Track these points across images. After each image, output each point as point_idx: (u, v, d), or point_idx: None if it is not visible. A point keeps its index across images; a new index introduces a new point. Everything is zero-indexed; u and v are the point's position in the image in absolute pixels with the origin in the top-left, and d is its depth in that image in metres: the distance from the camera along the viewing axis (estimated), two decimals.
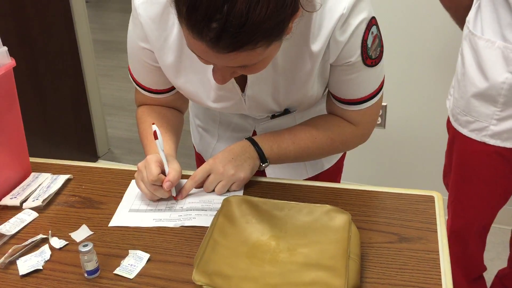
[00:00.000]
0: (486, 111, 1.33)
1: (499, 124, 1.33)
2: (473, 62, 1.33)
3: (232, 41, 0.71)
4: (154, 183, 0.96)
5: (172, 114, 1.15)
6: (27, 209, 1.00)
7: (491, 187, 1.47)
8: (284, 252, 0.84)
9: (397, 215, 0.96)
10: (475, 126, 1.37)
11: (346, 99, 1.02)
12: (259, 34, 0.71)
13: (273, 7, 0.70)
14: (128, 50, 1.05)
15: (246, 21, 0.68)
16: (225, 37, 0.70)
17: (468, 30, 1.35)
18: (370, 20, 0.91)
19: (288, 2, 0.72)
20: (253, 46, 0.73)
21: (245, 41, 0.71)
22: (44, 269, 0.86)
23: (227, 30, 0.69)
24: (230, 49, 0.72)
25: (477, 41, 1.31)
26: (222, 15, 0.68)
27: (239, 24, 0.68)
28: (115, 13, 5.56)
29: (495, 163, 1.41)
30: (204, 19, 0.69)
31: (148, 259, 0.87)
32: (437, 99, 2.06)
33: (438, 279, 0.81)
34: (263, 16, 0.69)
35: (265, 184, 1.06)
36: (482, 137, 1.37)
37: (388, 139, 2.23)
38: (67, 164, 1.16)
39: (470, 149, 1.42)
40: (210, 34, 0.70)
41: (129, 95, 3.60)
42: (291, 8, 0.74)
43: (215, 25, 0.69)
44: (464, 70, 1.37)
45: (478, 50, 1.31)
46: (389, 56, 1.99)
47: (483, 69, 1.31)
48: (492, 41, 1.27)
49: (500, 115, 1.32)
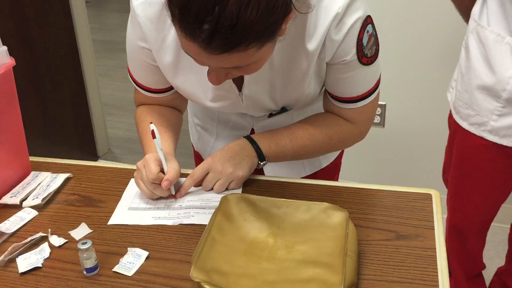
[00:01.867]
0: (488, 105, 1.33)
1: (499, 120, 1.33)
2: (480, 55, 1.33)
3: (223, 42, 0.72)
4: (154, 182, 0.97)
5: (171, 114, 1.15)
6: (27, 207, 1.01)
7: (491, 182, 1.47)
8: (282, 249, 0.84)
9: (394, 212, 0.96)
10: (475, 120, 1.37)
11: (343, 98, 1.02)
12: (250, 35, 0.72)
13: (264, 8, 0.71)
14: (127, 50, 1.06)
15: (237, 22, 0.70)
16: (217, 38, 0.71)
17: (476, 23, 1.34)
18: (365, 19, 0.92)
19: (279, 4, 0.73)
20: (245, 47, 0.74)
21: (236, 42, 0.72)
22: (43, 267, 0.87)
23: (218, 31, 0.70)
24: (222, 50, 0.73)
25: (487, 34, 1.30)
26: (213, 16, 0.69)
27: (230, 25, 0.70)
28: (115, 13, 5.56)
29: (495, 157, 1.40)
30: (196, 21, 0.71)
31: (146, 257, 0.88)
32: (436, 98, 2.06)
33: (435, 276, 0.82)
34: (254, 18, 0.70)
35: (264, 182, 1.06)
36: (481, 132, 1.37)
37: (387, 138, 2.23)
38: (67, 163, 1.16)
39: (471, 143, 1.42)
40: (202, 36, 0.72)
41: (129, 95, 3.60)
42: (283, 9, 0.75)
43: (207, 26, 0.70)
44: (469, 63, 1.36)
45: (487, 43, 1.30)
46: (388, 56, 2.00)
47: (490, 63, 1.30)
48: (502, 36, 1.27)
49: (501, 111, 1.32)
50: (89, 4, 5.52)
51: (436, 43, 1.98)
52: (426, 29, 1.97)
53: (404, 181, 2.24)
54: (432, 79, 2.05)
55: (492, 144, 1.37)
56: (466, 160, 1.47)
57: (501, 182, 1.47)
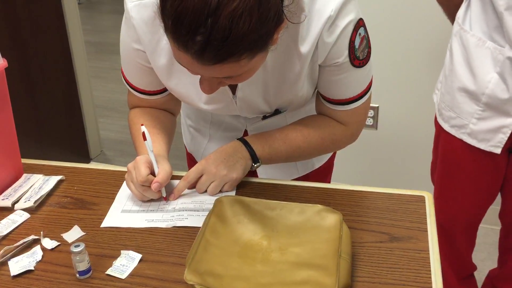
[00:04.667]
0: (469, 108, 1.35)
1: (478, 123, 1.34)
2: (461, 59, 1.35)
3: (216, 54, 0.72)
4: (143, 184, 0.97)
5: (165, 116, 1.15)
6: (19, 210, 1.00)
7: (475, 182, 1.48)
8: (276, 251, 0.84)
9: (388, 215, 0.97)
10: (456, 122, 1.39)
11: (335, 100, 1.03)
12: (243, 46, 0.73)
13: (256, 20, 0.71)
14: (121, 52, 1.05)
15: (230, 34, 0.70)
16: (209, 50, 0.72)
17: (459, 27, 1.36)
18: (358, 21, 0.92)
19: (271, 15, 0.74)
20: (237, 58, 0.74)
21: (229, 54, 0.73)
22: (35, 270, 0.86)
23: (211, 43, 0.71)
24: (214, 61, 0.74)
25: (469, 38, 1.32)
26: (206, 28, 0.70)
27: (222, 37, 0.70)
28: (107, 15, 5.55)
29: (478, 159, 1.42)
30: (188, 33, 0.71)
31: (140, 260, 0.87)
32: (428, 100, 2.07)
33: (428, 278, 0.82)
34: (247, 29, 0.71)
35: (257, 184, 1.06)
36: (460, 134, 1.39)
37: (380, 140, 2.24)
38: (59, 165, 1.16)
39: (454, 145, 1.44)
40: (194, 47, 0.72)
41: (122, 97, 3.59)
42: (275, 20, 0.75)
43: (199, 38, 0.71)
44: (452, 66, 1.38)
45: (469, 47, 1.32)
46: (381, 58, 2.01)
47: (471, 66, 1.32)
48: (483, 40, 1.29)
49: (480, 115, 1.33)
50: (81, 5, 5.50)
51: (429, 46, 1.99)
52: (418, 31, 1.98)
53: (397, 183, 2.25)
54: (425, 82, 2.06)
55: (473, 146, 1.39)
56: (450, 161, 1.49)
57: (485, 183, 1.48)
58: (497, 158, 1.39)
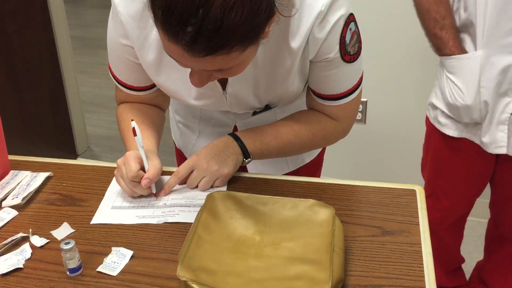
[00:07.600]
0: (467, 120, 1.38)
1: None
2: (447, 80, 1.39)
3: (207, 45, 0.72)
4: (133, 180, 0.96)
5: (153, 111, 1.14)
6: (7, 207, 0.99)
7: (466, 179, 1.50)
8: (269, 246, 0.84)
9: (379, 209, 0.97)
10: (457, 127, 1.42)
11: (326, 95, 1.02)
12: (234, 38, 0.72)
13: (248, 12, 0.70)
14: (108, 47, 1.04)
15: (221, 25, 0.69)
16: (200, 41, 0.71)
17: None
18: (348, 16, 0.92)
19: (263, 8, 0.73)
20: (228, 50, 0.74)
21: (220, 45, 0.72)
22: (25, 268, 0.85)
23: (202, 34, 0.70)
24: (205, 53, 0.73)
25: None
26: (197, 19, 0.69)
27: (213, 28, 0.69)
28: (93, 9, 5.49)
29: (471, 158, 1.44)
30: (179, 23, 0.70)
31: (131, 256, 0.86)
32: (417, 95, 2.08)
33: (421, 271, 0.82)
34: (238, 21, 0.70)
35: (248, 179, 1.06)
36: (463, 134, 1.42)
37: (369, 134, 2.25)
38: (47, 161, 1.14)
39: (446, 143, 1.45)
40: (185, 38, 0.71)
41: (109, 92, 3.56)
42: (267, 13, 0.75)
43: (190, 29, 0.70)
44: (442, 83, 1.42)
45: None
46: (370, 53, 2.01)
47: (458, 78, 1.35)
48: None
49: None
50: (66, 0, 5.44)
51: (418, 41, 2.00)
52: (408, 26, 1.98)
53: (385, 177, 2.26)
54: (413, 76, 2.07)
55: (467, 143, 1.40)
56: (442, 160, 1.51)
57: (476, 179, 1.50)
58: (487, 155, 1.40)
